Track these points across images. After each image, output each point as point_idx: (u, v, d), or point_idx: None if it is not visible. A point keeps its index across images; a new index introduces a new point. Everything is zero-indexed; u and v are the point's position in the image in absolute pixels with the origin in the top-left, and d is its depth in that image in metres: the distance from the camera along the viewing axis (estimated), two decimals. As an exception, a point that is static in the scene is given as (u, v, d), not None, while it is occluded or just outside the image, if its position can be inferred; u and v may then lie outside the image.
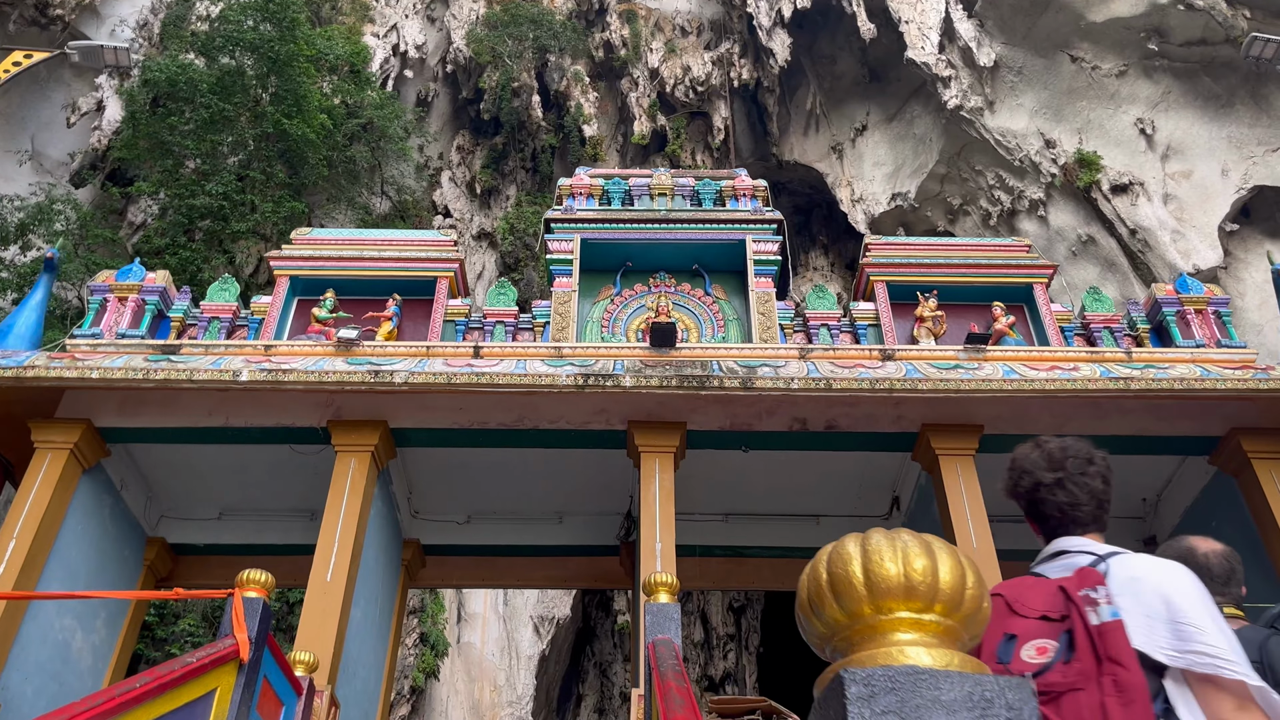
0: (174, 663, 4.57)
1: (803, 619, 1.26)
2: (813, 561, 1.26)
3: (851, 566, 1.19)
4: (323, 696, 6.89)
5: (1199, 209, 19.77)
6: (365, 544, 8.24)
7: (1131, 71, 20.82)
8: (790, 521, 9.99)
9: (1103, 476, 2.59)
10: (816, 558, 1.26)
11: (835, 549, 1.23)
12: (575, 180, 10.43)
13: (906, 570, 1.17)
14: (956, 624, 1.16)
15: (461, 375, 8.13)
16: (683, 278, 10.04)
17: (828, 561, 1.22)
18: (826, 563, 1.22)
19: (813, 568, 1.24)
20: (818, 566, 1.23)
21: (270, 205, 19.08)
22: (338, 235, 10.27)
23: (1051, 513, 2.58)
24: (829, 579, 1.19)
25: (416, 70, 26.27)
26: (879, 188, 24.76)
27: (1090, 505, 2.54)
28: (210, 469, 9.26)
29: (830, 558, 1.22)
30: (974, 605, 1.18)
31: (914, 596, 1.16)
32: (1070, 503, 2.55)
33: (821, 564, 1.23)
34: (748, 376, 8.07)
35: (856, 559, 1.19)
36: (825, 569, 1.21)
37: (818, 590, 1.21)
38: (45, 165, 20.37)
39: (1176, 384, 7.95)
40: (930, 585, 1.15)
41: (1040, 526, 2.64)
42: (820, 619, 1.21)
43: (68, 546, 8.22)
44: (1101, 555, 2.43)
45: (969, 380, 8.05)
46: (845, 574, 1.18)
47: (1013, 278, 9.60)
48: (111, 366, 8.06)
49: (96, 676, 8.64)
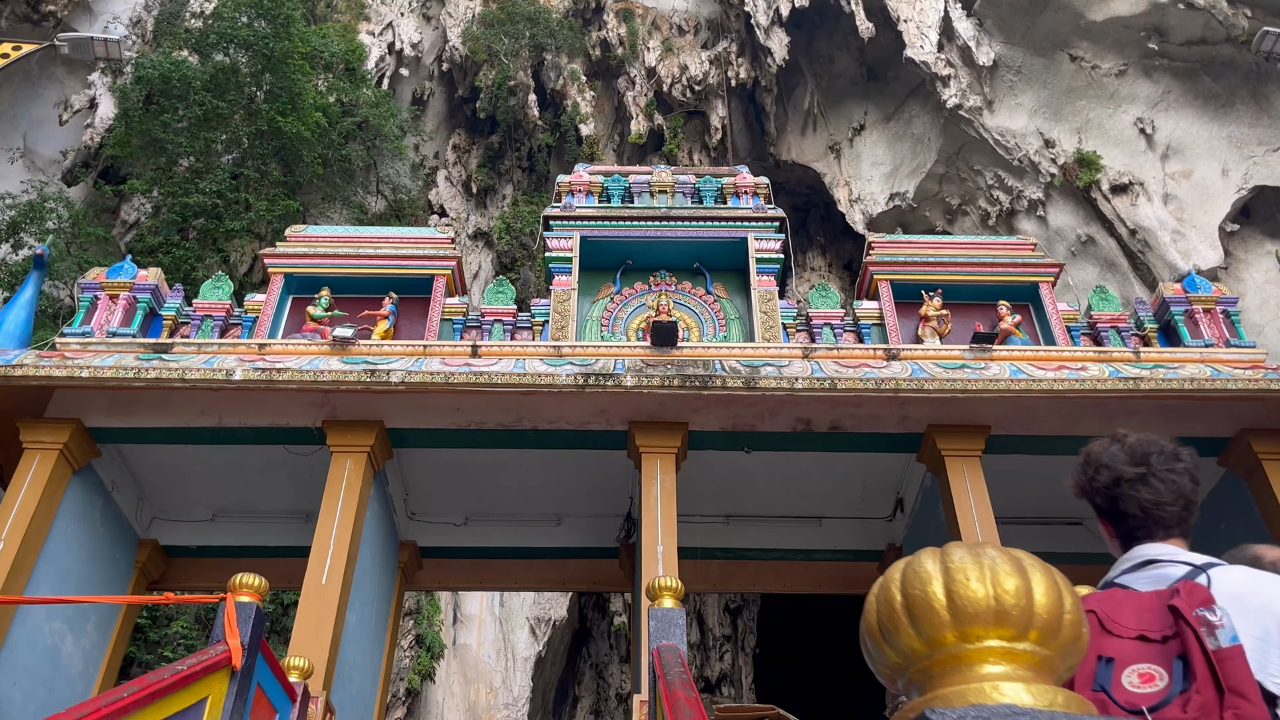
0: (163, 670, 4.42)
1: (871, 646, 1.09)
2: (882, 581, 1.09)
3: (931, 587, 1.02)
4: (317, 703, 6.73)
5: (1199, 209, 19.68)
6: (361, 546, 8.09)
7: (1131, 71, 20.73)
8: (792, 524, 9.86)
9: (1190, 475, 2.35)
10: (887, 576, 1.09)
11: (910, 566, 1.06)
12: (574, 177, 10.28)
13: (996, 591, 1.00)
14: (1053, 654, 1.00)
15: (459, 375, 7.98)
16: (684, 276, 9.90)
17: (902, 581, 1.05)
18: (900, 582, 1.05)
19: (883, 588, 1.07)
20: (889, 587, 1.06)
21: (265, 204, 18.91)
22: (333, 232, 10.11)
23: (1133, 511, 2.33)
24: (904, 601, 1.03)
25: (412, 69, 26.09)
26: (877, 188, 24.64)
27: (1176, 506, 2.30)
28: (203, 470, 9.10)
29: (905, 576, 1.05)
30: (1072, 632, 1.01)
31: (1005, 622, 1.00)
32: (1154, 501, 2.30)
33: (894, 583, 1.06)
34: (751, 376, 7.93)
35: (936, 578, 1.02)
36: (899, 589, 1.04)
37: (890, 614, 1.04)
38: (37, 163, 20.17)
39: (1186, 384, 7.82)
40: (1024, 609, 0.99)
41: (1116, 528, 2.40)
42: (893, 647, 1.05)
43: (57, 549, 8.06)
44: (1199, 566, 2.18)
45: (976, 380, 7.91)
46: (924, 596, 1.02)
47: (1018, 276, 9.47)
48: (102, 365, 7.89)
49: (87, 681, 8.47)
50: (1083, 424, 8.33)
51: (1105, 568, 2.67)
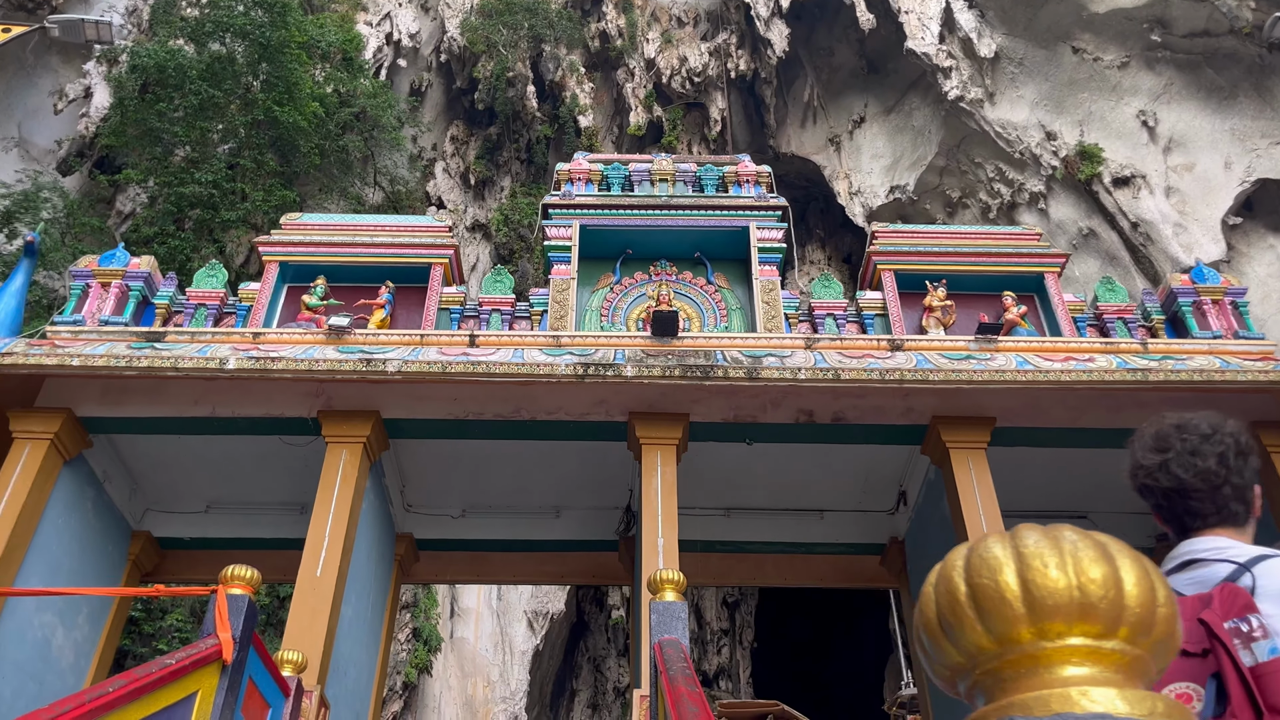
0: (150, 665, 4.29)
1: (928, 643, 0.93)
2: (941, 569, 0.94)
3: (1002, 575, 0.87)
4: (311, 697, 6.61)
5: (1201, 202, 19.55)
6: (357, 538, 7.96)
7: (1134, 63, 20.58)
8: (793, 517, 9.74)
9: (1219, 456, 2.05)
10: (947, 564, 0.94)
11: (976, 551, 0.90)
12: (574, 165, 10.14)
13: (1080, 580, 0.85)
14: (1145, 654, 0.84)
15: (456, 364, 7.84)
16: (684, 265, 9.75)
17: (966, 568, 0.89)
18: (964, 570, 0.89)
19: (944, 576, 0.92)
20: (951, 575, 0.91)
21: (261, 194, 18.73)
22: (329, 220, 9.96)
23: (1160, 503, 2.11)
24: (970, 592, 0.88)
25: (410, 59, 25.90)
26: (877, 180, 24.49)
27: (1204, 490, 2.03)
28: (197, 461, 8.96)
29: (970, 563, 0.89)
30: (1166, 629, 0.85)
31: (1091, 616, 0.84)
32: (1175, 489, 2.06)
33: (956, 571, 0.90)
34: (753, 366, 7.80)
35: (1008, 565, 0.87)
36: (963, 578, 0.89)
37: (953, 606, 0.89)
38: (32, 152, 19.99)
39: (1196, 376, 7.70)
40: (1113, 600, 0.84)
41: (1164, 523, 2.16)
42: (956, 644, 0.90)
43: (48, 540, 7.92)
44: (1243, 563, 1.92)
45: (982, 371, 7.79)
46: (994, 585, 0.87)
47: (1024, 266, 9.35)
48: (93, 354, 7.75)
49: (79, 675, 8.34)
50: (1089, 416, 8.23)
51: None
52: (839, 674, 30.75)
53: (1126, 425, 8.37)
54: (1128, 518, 9.55)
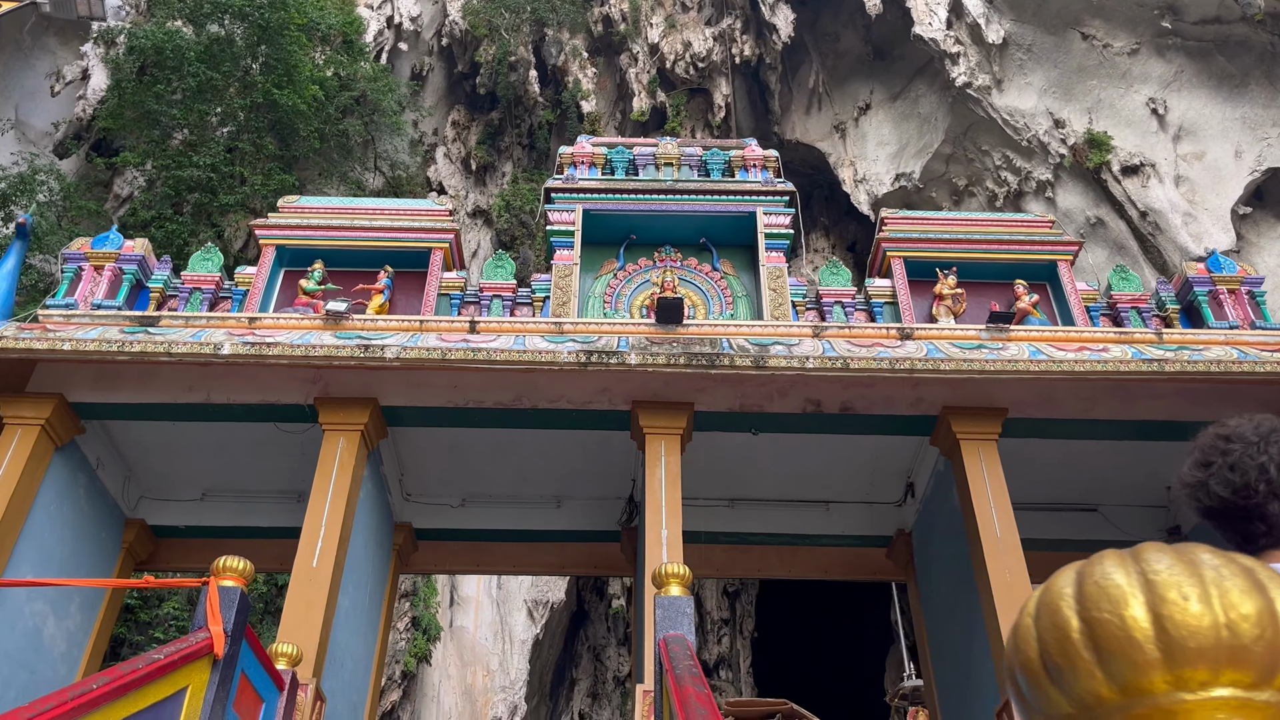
0: (137, 660, 4.14)
1: (1028, 688, 0.74)
2: (1044, 597, 0.74)
3: (1129, 610, 0.67)
4: (307, 690, 6.46)
5: (1211, 191, 19.33)
6: (354, 528, 7.80)
7: (1144, 50, 20.34)
8: (798, 508, 9.59)
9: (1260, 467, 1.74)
10: (1052, 592, 0.73)
11: (1091, 578, 0.70)
12: (577, 148, 9.94)
13: (1229, 616, 0.65)
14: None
15: (457, 351, 7.67)
16: (689, 252, 9.57)
17: (1079, 598, 0.69)
18: (1077, 600, 0.69)
19: (1049, 606, 0.71)
20: (1058, 606, 0.70)
21: (260, 178, 18.54)
22: (327, 203, 9.77)
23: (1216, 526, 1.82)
24: (1085, 628, 0.69)
25: (411, 43, 25.64)
26: (882, 168, 24.26)
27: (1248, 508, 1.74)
28: (191, 448, 8.80)
29: (1085, 592, 0.69)
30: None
31: (1243, 662, 0.65)
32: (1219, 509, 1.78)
33: (1065, 601, 0.70)
34: (760, 355, 7.63)
35: (1137, 595, 0.67)
36: (1075, 610, 0.69)
37: (1062, 645, 0.69)
38: (29, 135, 19.79)
39: (1213, 367, 7.52)
40: (1270, 642, 0.64)
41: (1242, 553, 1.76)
42: (1066, 692, 0.70)
43: (40, 528, 7.77)
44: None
45: (994, 361, 7.61)
46: (1118, 622, 0.67)
47: (1036, 254, 9.16)
48: (85, 338, 7.58)
49: (71, 664, 8.20)
50: (1102, 407, 8.07)
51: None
52: (839, 664, 30.66)
53: (1140, 417, 8.21)
54: (1139, 510, 9.41)
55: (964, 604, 7.94)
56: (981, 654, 7.46)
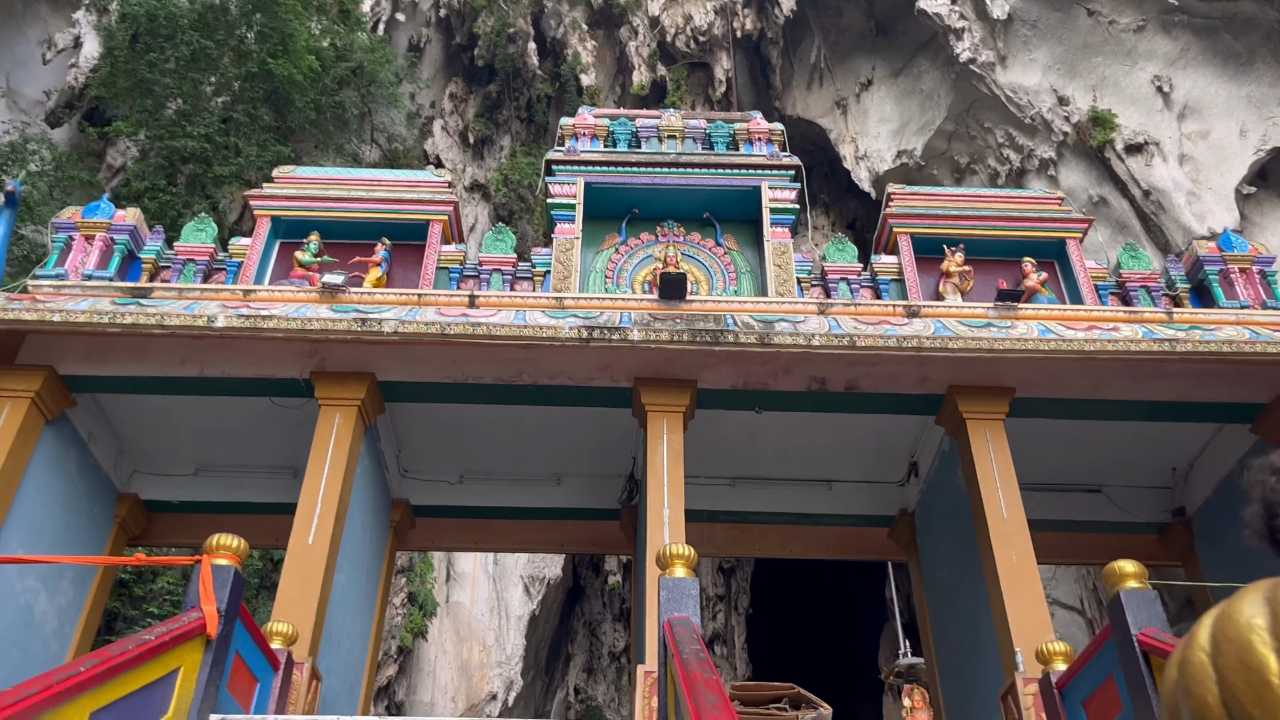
0: (127, 641, 4.01)
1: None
2: (1220, 625, 0.55)
3: None
4: (303, 669, 6.35)
5: (1215, 170, 19.14)
6: (350, 504, 7.68)
7: (1150, 27, 20.09)
8: (800, 487, 9.49)
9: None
10: (1233, 621, 0.54)
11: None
12: (579, 119, 9.75)
13: None
14: None
15: (455, 325, 7.53)
16: (692, 226, 9.40)
17: (1277, 632, 0.54)
18: (1274, 634, 0.54)
19: (1237, 644, 0.52)
20: (1248, 641, 0.52)
21: (255, 149, 18.28)
22: (324, 174, 9.59)
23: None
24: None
25: (409, 14, 25.30)
26: (884, 145, 24.04)
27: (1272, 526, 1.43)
28: (185, 422, 8.66)
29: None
30: None
31: None
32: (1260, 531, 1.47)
33: (1256, 634, 0.53)
34: (765, 332, 7.49)
35: None
36: (1274, 649, 0.54)
37: (1259, 691, 0.47)
38: (20, 104, 19.47)
39: (1225, 347, 7.40)
40: None
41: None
42: None
43: (30, 502, 7.63)
44: None
45: (1003, 340, 7.48)
46: None
47: (1045, 231, 9.01)
48: (75, 309, 7.42)
49: (63, 640, 8.09)
50: (1111, 387, 7.96)
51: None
52: (834, 641, 30.72)
53: (1148, 397, 8.08)
54: (1144, 491, 9.32)
55: (968, 585, 7.85)
56: (986, 636, 7.37)
